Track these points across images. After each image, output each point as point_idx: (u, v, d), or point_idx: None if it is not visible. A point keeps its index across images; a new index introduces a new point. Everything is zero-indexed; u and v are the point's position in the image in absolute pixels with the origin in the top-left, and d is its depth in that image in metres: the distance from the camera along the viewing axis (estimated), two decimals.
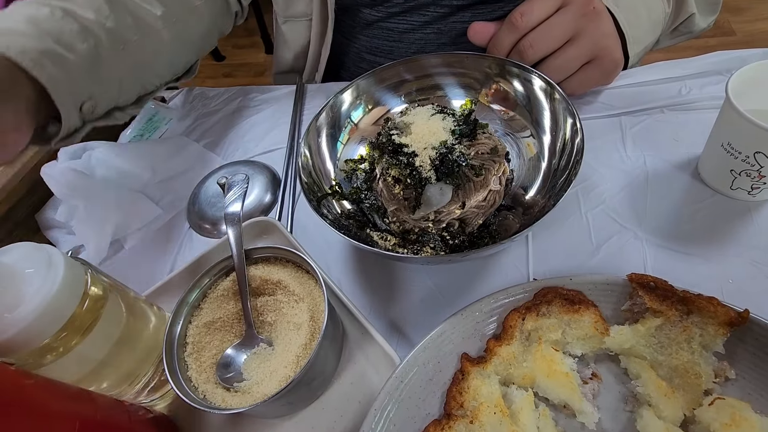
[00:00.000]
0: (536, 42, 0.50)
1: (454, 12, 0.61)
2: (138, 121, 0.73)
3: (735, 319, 0.34)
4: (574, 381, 0.36)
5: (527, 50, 0.51)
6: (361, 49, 0.72)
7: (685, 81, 0.58)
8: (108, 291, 0.37)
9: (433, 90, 0.55)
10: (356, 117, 0.54)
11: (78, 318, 0.34)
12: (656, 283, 0.37)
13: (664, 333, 0.36)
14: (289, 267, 0.43)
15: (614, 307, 0.39)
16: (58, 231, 0.62)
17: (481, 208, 0.46)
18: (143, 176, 0.64)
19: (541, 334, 0.38)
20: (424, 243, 0.46)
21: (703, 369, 0.34)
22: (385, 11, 0.63)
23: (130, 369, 0.40)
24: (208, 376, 0.39)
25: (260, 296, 0.43)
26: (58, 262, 0.33)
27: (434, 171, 0.41)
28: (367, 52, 0.71)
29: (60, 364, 0.34)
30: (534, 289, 0.40)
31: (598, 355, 0.39)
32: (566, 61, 0.51)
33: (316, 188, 0.48)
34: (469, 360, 0.38)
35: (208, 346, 0.41)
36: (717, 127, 0.46)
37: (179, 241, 0.59)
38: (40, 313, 0.32)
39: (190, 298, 0.41)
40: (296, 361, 0.37)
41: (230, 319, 0.42)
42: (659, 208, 0.48)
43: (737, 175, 0.44)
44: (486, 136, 0.44)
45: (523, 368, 0.37)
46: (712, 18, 0.64)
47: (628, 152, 0.54)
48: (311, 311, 0.40)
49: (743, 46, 0.60)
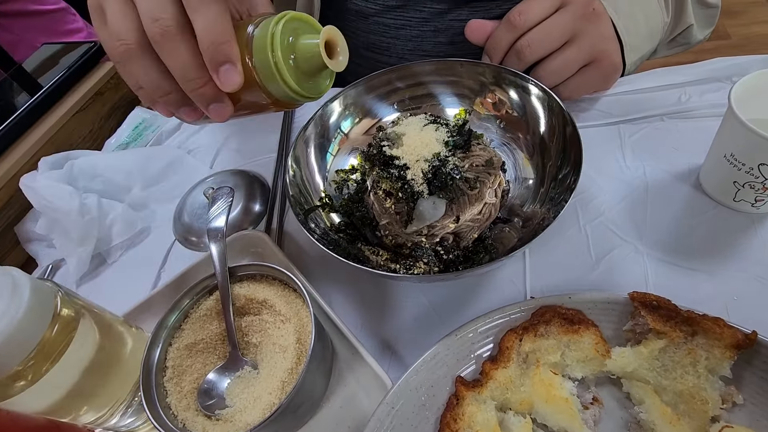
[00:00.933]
0: (534, 42, 0.49)
1: (451, 9, 0.60)
2: (124, 129, 0.70)
3: (742, 341, 0.33)
4: (574, 407, 0.34)
5: (525, 50, 0.49)
6: (358, 44, 0.70)
7: (684, 88, 0.57)
8: (80, 314, 0.35)
9: (426, 98, 0.53)
10: (346, 127, 0.52)
11: (47, 344, 0.32)
12: (659, 303, 0.36)
13: (668, 356, 0.35)
14: (276, 285, 0.41)
15: (615, 327, 0.37)
16: (38, 244, 0.60)
17: (476, 222, 0.44)
18: (128, 187, 0.62)
19: (539, 356, 0.36)
20: (417, 258, 0.44)
21: (709, 394, 0.33)
22: (382, 4, 0.61)
23: (108, 394, 0.38)
24: (189, 402, 0.37)
25: (245, 316, 0.41)
26: (23, 286, 0.31)
27: (427, 184, 0.40)
28: (365, 48, 0.70)
29: (30, 394, 0.32)
30: (531, 308, 0.38)
31: (599, 378, 0.37)
32: (564, 62, 0.50)
33: (305, 201, 0.47)
34: (464, 384, 0.36)
35: (189, 369, 0.39)
36: (719, 138, 0.44)
37: (164, 255, 0.57)
38: (4, 341, 0.30)
39: (170, 320, 0.39)
40: (281, 387, 0.36)
41: (213, 341, 0.40)
42: (660, 221, 0.47)
43: (740, 187, 0.43)
44: (481, 148, 0.43)
45: (521, 393, 0.35)
46: (708, 30, 0.63)
47: (628, 162, 0.52)
48: (298, 333, 0.38)
49: (738, 49, 0.59)
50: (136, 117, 0.71)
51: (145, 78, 0.32)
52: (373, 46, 0.68)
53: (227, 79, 0.30)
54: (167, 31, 0.30)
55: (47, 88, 0.66)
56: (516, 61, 0.50)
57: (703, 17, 0.61)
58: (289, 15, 0.31)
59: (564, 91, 0.52)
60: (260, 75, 0.31)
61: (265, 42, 0.30)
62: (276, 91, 0.32)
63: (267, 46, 0.29)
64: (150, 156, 0.65)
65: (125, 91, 0.74)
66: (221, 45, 0.30)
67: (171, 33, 0.30)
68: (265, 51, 0.30)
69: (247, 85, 0.31)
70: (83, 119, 0.69)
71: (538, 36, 0.49)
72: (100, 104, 0.71)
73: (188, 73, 0.31)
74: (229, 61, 0.30)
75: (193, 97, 0.32)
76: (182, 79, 0.31)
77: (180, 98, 0.33)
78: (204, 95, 0.32)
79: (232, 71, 0.30)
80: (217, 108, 0.33)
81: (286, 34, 0.30)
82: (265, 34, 0.30)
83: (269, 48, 0.30)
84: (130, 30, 0.31)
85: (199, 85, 0.31)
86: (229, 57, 0.30)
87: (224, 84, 0.30)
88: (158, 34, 0.30)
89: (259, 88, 0.32)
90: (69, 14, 1.23)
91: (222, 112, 0.33)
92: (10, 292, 0.30)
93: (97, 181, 0.60)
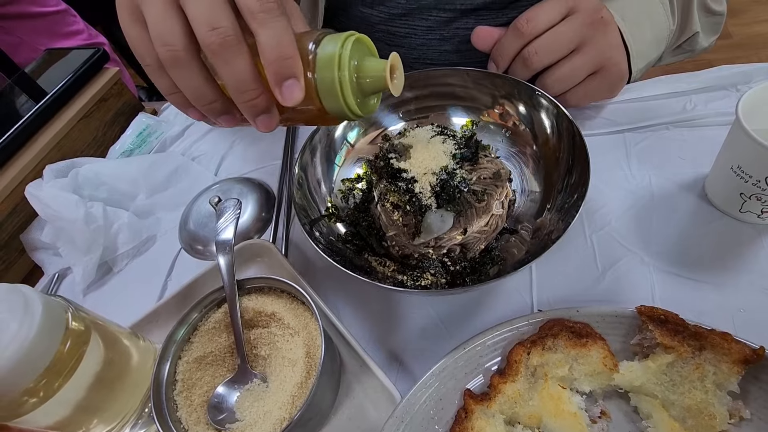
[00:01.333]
0: (542, 49, 0.49)
1: (457, 17, 0.60)
2: (128, 135, 0.70)
3: (750, 356, 0.33)
4: (582, 421, 0.34)
5: (532, 57, 0.49)
6: None
7: (690, 96, 0.57)
8: (90, 329, 0.35)
9: (432, 108, 0.53)
10: (352, 138, 0.52)
11: (60, 360, 0.33)
12: (667, 317, 0.36)
13: (676, 370, 0.35)
14: (284, 297, 0.42)
15: (623, 341, 0.38)
16: (44, 252, 0.60)
17: (483, 233, 0.44)
18: (133, 194, 0.62)
19: (547, 370, 0.37)
20: (424, 269, 0.44)
21: (717, 409, 0.33)
22: (387, 12, 0.61)
23: (118, 407, 0.38)
24: (199, 416, 0.37)
25: (253, 328, 0.41)
26: (35, 303, 0.31)
27: (435, 197, 0.40)
28: None
29: (42, 410, 0.33)
30: (539, 321, 0.38)
31: (606, 391, 0.37)
32: (572, 70, 0.50)
33: (311, 211, 0.47)
34: (473, 397, 0.36)
35: (198, 382, 0.39)
36: (726, 149, 0.44)
37: (171, 263, 0.57)
38: (19, 360, 0.30)
39: (179, 334, 0.39)
40: (291, 401, 0.36)
41: (222, 353, 0.40)
42: (666, 231, 0.47)
43: (747, 199, 0.43)
44: (488, 160, 0.43)
45: (529, 407, 0.36)
46: (713, 38, 0.63)
47: (633, 171, 0.52)
48: (307, 346, 0.38)
49: (740, 49, 0.59)
50: (140, 123, 0.71)
51: (188, 84, 0.31)
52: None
53: (290, 94, 0.30)
54: (227, 41, 0.29)
55: (52, 94, 0.66)
56: (522, 68, 0.50)
57: (708, 25, 0.61)
58: (355, 36, 0.31)
59: (570, 99, 0.52)
60: (320, 91, 0.31)
61: (331, 60, 0.30)
62: (332, 107, 0.31)
63: (334, 64, 0.30)
64: (155, 163, 0.65)
65: (128, 97, 0.74)
66: (287, 59, 0.29)
67: (231, 42, 0.29)
68: (331, 69, 0.30)
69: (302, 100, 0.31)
70: (87, 126, 0.68)
71: (545, 43, 0.49)
72: (104, 111, 0.71)
73: (245, 85, 0.30)
74: (293, 76, 0.30)
75: (244, 107, 0.32)
76: (237, 89, 0.30)
77: (224, 107, 0.33)
78: (256, 107, 0.31)
79: (296, 86, 0.30)
80: (265, 119, 0.32)
81: (353, 54, 0.30)
82: (332, 52, 0.30)
83: (336, 66, 0.30)
84: (177, 34, 0.29)
85: (253, 96, 0.31)
86: (294, 72, 0.29)
87: (286, 98, 0.30)
88: (217, 43, 0.29)
89: (314, 103, 0.32)
90: (69, 16, 1.23)
91: (269, 123, 0.33)
92: (22, 310, 0.30)
93: (102, 189, 0.60)
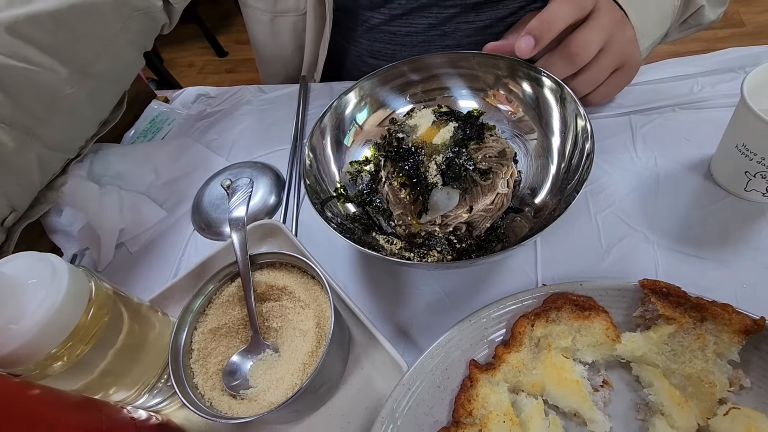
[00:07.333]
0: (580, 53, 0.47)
1: (457, 13, 0.60)
2: (141, 121, 0.72)
3: (750, 326, 0.34)
4: (584, 389, 0.35)
5: None
6: (362, 52, 0.70)
7: (697, 78, 0.57)
8: (112, 298, 0.37)
9: (439, 90, 0.54)
10: (361, 119, 0.53)
11: (83, 327, 0.34)
12: (669, 290, 0.37)
13: (677, 340, 0.36)
14: (295, 272, 0.43)
15: (625, 314, 0.38)
16: (62, 234, 0.62)
17: (488, 212, 0.45)
18: (147, 178, 0.64)
19: (550, 341, 0.38)
20: (430, 247, 0.45)
21: (717, 377, 0.34)
22: (387, 14, 0.62)
23: (136, 375, 0.40)
24: (215, 383, 0.39)
25: (266, 302, 0.43)
26: (62, 272, 0.32)
27: (441, 176, 0.41)
28: (369, 56, 0.70)
29: (66, 374, 0.34)
30: (543, 295, 0.39)
31: (609, 362, 0.38)
32: (599, 71, 0.50)
33: (321, 191, 0.48)
34: (478, 367, 0.37)
35: (213, 352, 0.40)
36: (731, 128, 0.45)
37: (184, 244, 0.58)
38: (45, 324, 0.31)
39: (195, 304, 0.41)
40: (303, 368, 0.37)
41: (236, 325, 0.42)
42: (670, 210, 0.47)
43: (752, 177, 0.43)
44: (494, 139, 0.44)
45: (533, 376, 0.37)
46: (721, 9, 0.62)
47: (639, 152, 0.53)
48: (317, 318, 0.39)
49: (753, 37, 0.59)
50: (153, 110, 0.73)
51: None
52: (378, 54, 0.68)
53: None
54: None
55: None
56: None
57: None
58: None
59: (594, 97, 0.52)
60: None
61: None
62: None
63: None
64: (167, 148, 0.66)
65: (141, 86, 0.76)
66: None
67: None
68: None
69: None
70: None
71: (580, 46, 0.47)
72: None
73: None
74: None
75: None
76: None
77: None
78: None
79: None
80: None
81: None
82: None
83: None
84: None
85: None
86: None
87: None
88: None
89: None
90: None
91: None
92: (50, 277, 0.32)
93: (117, 173, 0.62)
